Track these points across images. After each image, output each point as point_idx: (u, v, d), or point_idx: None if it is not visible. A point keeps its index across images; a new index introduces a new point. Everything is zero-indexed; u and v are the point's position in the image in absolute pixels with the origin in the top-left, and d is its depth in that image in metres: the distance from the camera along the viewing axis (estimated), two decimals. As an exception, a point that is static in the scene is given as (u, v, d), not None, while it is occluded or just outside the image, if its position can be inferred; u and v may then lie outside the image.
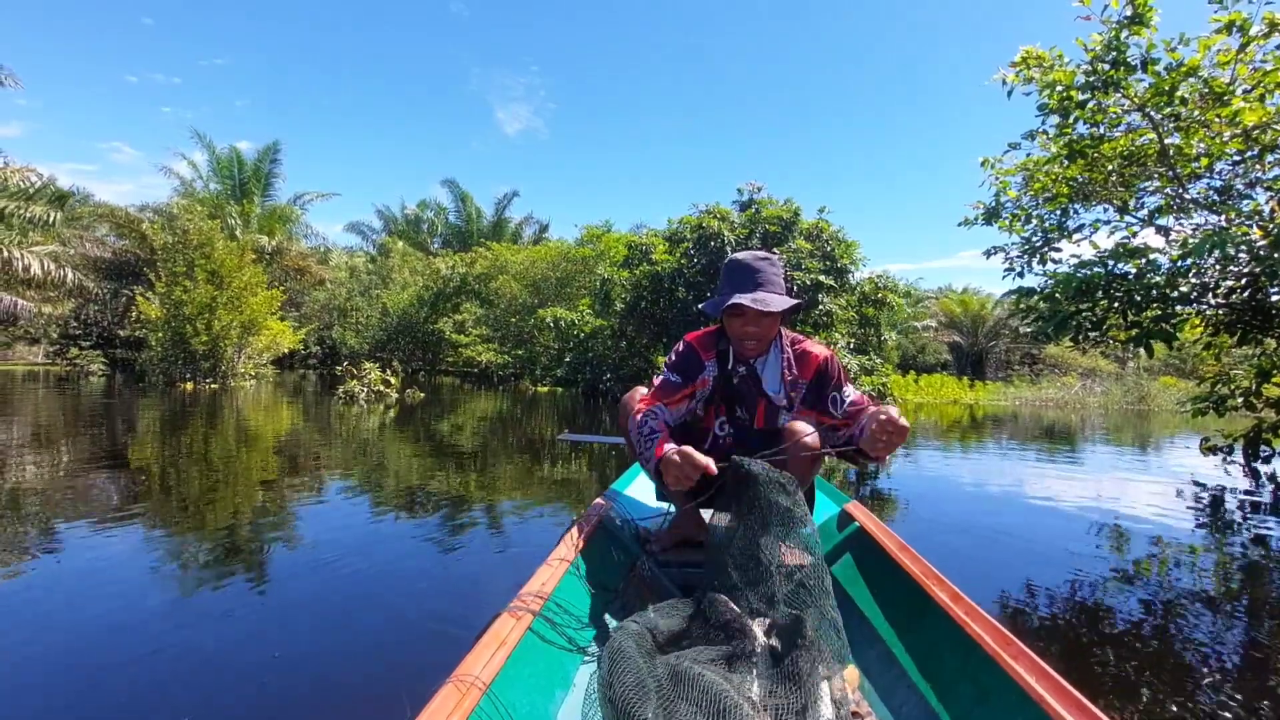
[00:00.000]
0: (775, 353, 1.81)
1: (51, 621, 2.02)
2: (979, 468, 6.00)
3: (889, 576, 1.52)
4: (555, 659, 1.26)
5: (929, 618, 1.30)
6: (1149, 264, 4.93)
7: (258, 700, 1.59)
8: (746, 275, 1.72)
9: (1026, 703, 0.95)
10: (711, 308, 1.76)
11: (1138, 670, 1.83)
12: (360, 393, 11.22)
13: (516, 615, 1.22)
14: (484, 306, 22.69)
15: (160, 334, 14.01)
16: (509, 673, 1.07)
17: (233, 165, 24.44)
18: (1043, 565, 2.84)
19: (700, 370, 1.81)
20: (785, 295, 1.73)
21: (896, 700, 1.22)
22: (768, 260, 1.75)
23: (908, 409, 14.53)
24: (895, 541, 1.60)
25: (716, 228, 12.03)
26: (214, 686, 1.66)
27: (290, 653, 1.83)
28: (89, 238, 23.25)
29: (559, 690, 1.22)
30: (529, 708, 1.09)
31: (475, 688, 0.96)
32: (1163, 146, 5.10)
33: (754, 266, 1.73)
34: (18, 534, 2.94)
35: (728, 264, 1.80)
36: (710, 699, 0.97)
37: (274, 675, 1.70)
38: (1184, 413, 11.30)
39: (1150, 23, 4.62)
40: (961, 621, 1.18)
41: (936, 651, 1.24)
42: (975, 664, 1.10)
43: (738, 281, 1.73)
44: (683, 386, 1.79)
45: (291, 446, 6.08)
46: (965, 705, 1.09)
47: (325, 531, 3.10)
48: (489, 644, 1.09)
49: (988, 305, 33.16)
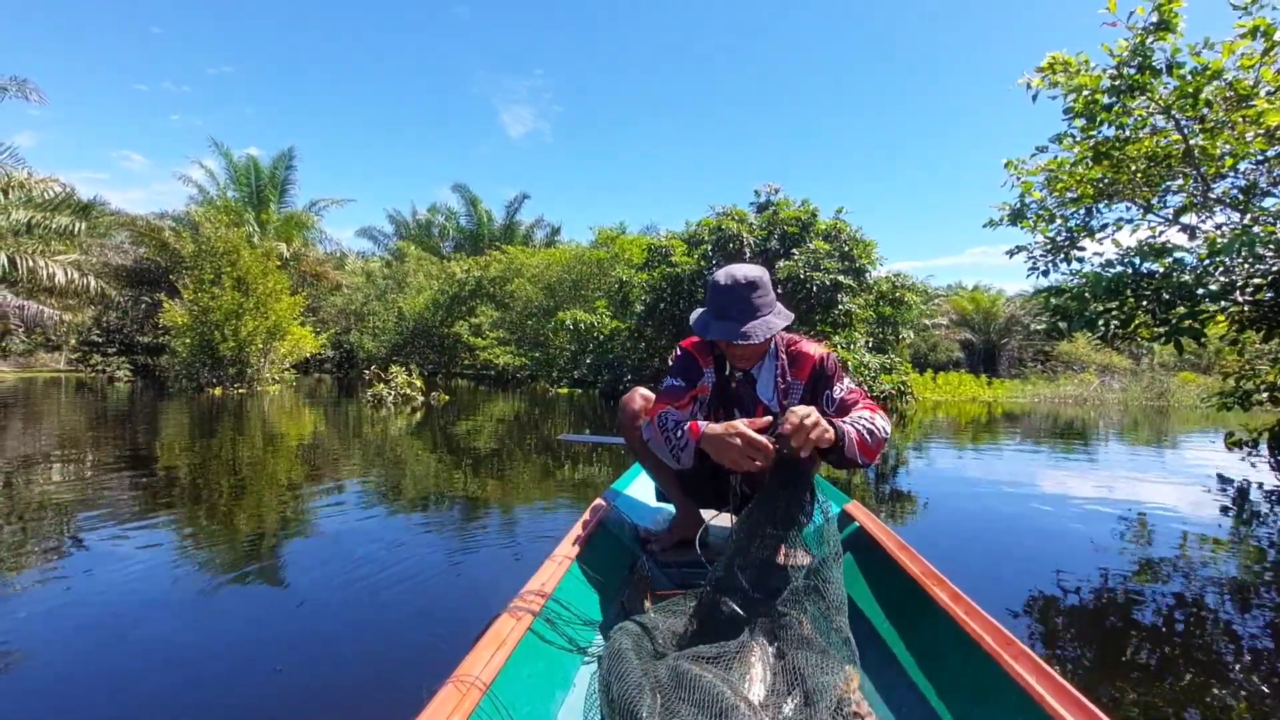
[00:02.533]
0: (769, 359, 1.78)
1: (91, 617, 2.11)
2: (1002, 465, 6.11)
3: (889, 576, 1.52)
4: (555, 659, 1.27)
5: (929, 617, 1.30)
6: (1176, 263, 5.06)
7: (261, 696, 1.62)
8: (725, 302, 1.65)
9: (1026, 702, 0.95)
10: (696, 328, 1.72)
11: (1156, 669, 1.83)
12: (388, 396, 11.45)
13: (516, 615, 1.23)
14: (499, 309, 22.92)
15: (187, 339, 14.28)
16: (509, 673, 1.08)
17: (249, 172, 24.76)
18: (1068, 561, 2.86)
19: (700, 376, 1.80)
20: (770, 316, 1.64)
21: (896, 700, 1.22)
22: (749, 285, 1.64)
23: (925, 406, 14.63)
24: (895, 541, 1.60)
25: (735, 229, 12.19)
26: (217, 682, 1.69)
27: (297, 650, 1.88)
28: (111, 246, 23.66)
29: (559, 690, 1.23)
30: (529, 708, 1.10)
31: (475, 688, 0.97)
32: (1187, 147, 5.23)
33: (733, 293, 1.64)
34: (86, 528, 3.13)
35: (709, 284, 1.71)
36: (710, 700, 0.97)
37: (282, 671, 1.73)
38: (1208, 408, 11.33)
39: (1176, 28, 4.76)
40: (961, 621, 1.18)
41: (936, 651, 1.24)
42: (975, 663, 1.10)
43: (717, 308, 1.67)
44: (688, 389, 1.78)
45: (332, 449, 6.28)
46: (965, 705, 1.09)
47: (370, 530, 3.20)
48: (489, 644, 1.10)
49: (999, 302, 33.07)
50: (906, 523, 3.65)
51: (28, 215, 17.86)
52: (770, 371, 1.77)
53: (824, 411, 1.67)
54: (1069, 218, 6.18)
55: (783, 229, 12.47)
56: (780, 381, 1.77)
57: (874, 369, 12.34)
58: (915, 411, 12.85)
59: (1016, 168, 6.26)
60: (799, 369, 1.76)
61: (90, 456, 5.35)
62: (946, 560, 2.71)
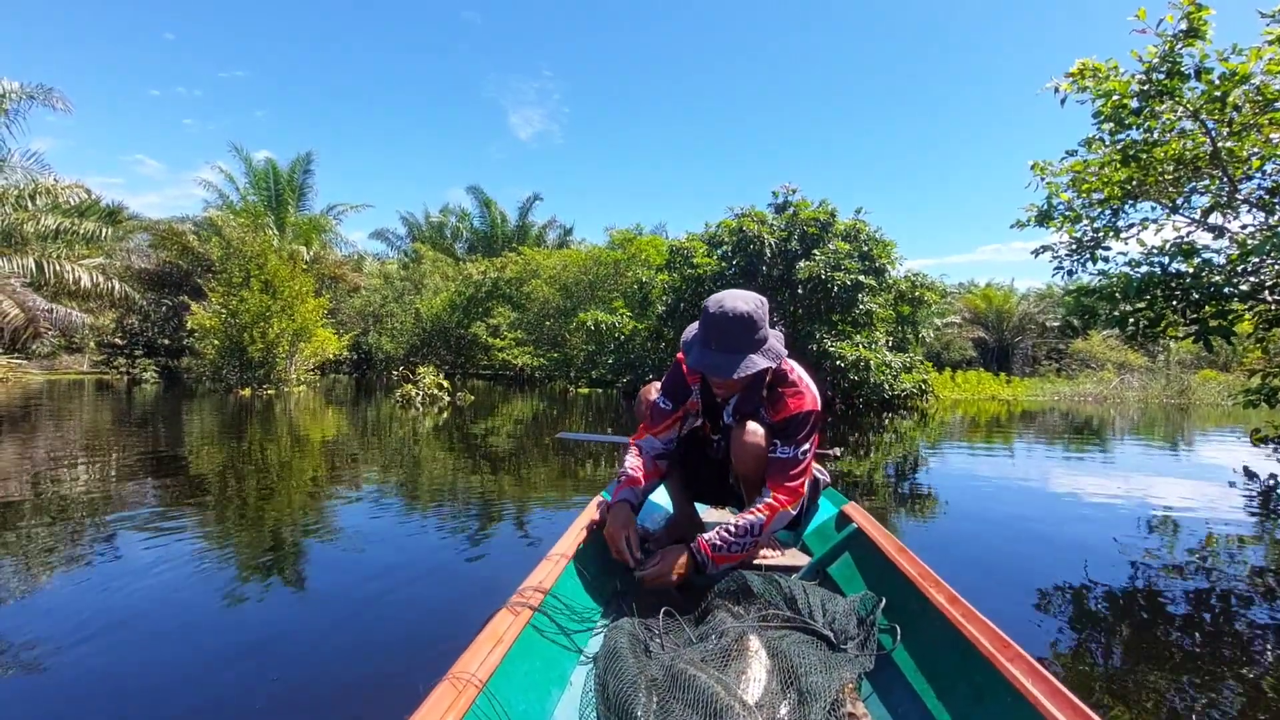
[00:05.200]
0: (750, 389, 1.77)
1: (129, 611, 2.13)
2: (1032, 464, 6.23)
3: (886, 578, 1.52)
4: (552, 657, 1.27)
5: (926, 619, 1.30)
6: (1205, 264, 5.18)
7: (259, 694, 1.63)
8: (714, 333, 1.65)
9: (1022, 704, 0.95)
10: (684, 348, 1.78)
11: (1164, 673, 1.82)
12: (416, 396, 11.69)
13: (515, 612, 1.24)
14: (516, 310, 23.17)
15: (215, 341, 14.58)
16: (505, 670, 1.08)
17: (268, 176, 25.12)
18: (1092, 558, 2.87)
19: (688, 393, 1.89)
20: (753, 355, 1.63)
21: (892, 701, 1.22)
22: (737, 319, 1.62)
23: (945, 405, 14.73)
24: (893, 543, 1.61)
25: (756, 230, 12.35)
26: (214, 679, 1.70)
27: (304, 648, 1.91)
28: (134, 250, 24.07)
29: (555, 689, 1.23)
30: (525, 706, 1.10)
31: (472, 685, 0.97)
32: (1215, 149, 5.35)
33: (720, 326, 1.63)
34: (152, 523, 3.29)
35: (704, 308, 1.69)
36: (704, 700, 0.98)
37: (289, 669, 1.76)
38: (1233, 405, 11.37)
39: (1205, 35, 4.88)
40: (958, 623, 1.18)
41: (933, 653, 1.24)
42: (972, 665, 1.10)
43: (704, 334, 1.68)
44: (672, 412, 1.89)
45: (371, 448, 6.49)
46: (961, 707, 1.09)
47: (400, 527, 3.31)
48: (486, 641, 1.11)
49: (1012, 299, 32.98)
50: (923, 521, 3.68)
51: (56, 221, 18.26)
52: (744, 400, 1.79)
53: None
54: (1095, 218, 6.30)
55: (803, 229, 12.62)
56: (746, 407, 1.78)
57: (896, 368, 12.47)
58: (936, 410, 12.96)
59: (1043, 170, 6.39)
60: (777, 410, 1.73)
61: (147, 457, 5.57)
62: (965, 559, 2.82)
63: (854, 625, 1.31)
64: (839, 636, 1.27)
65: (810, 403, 1.72)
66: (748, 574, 1.44)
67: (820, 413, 1.77)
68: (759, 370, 1.63)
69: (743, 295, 1.67)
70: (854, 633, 1.29)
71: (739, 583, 1.42)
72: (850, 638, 1.28)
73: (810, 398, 1.73)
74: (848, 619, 1.32)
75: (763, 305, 1.67)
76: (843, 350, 11.90)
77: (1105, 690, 1.70)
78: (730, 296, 1.67)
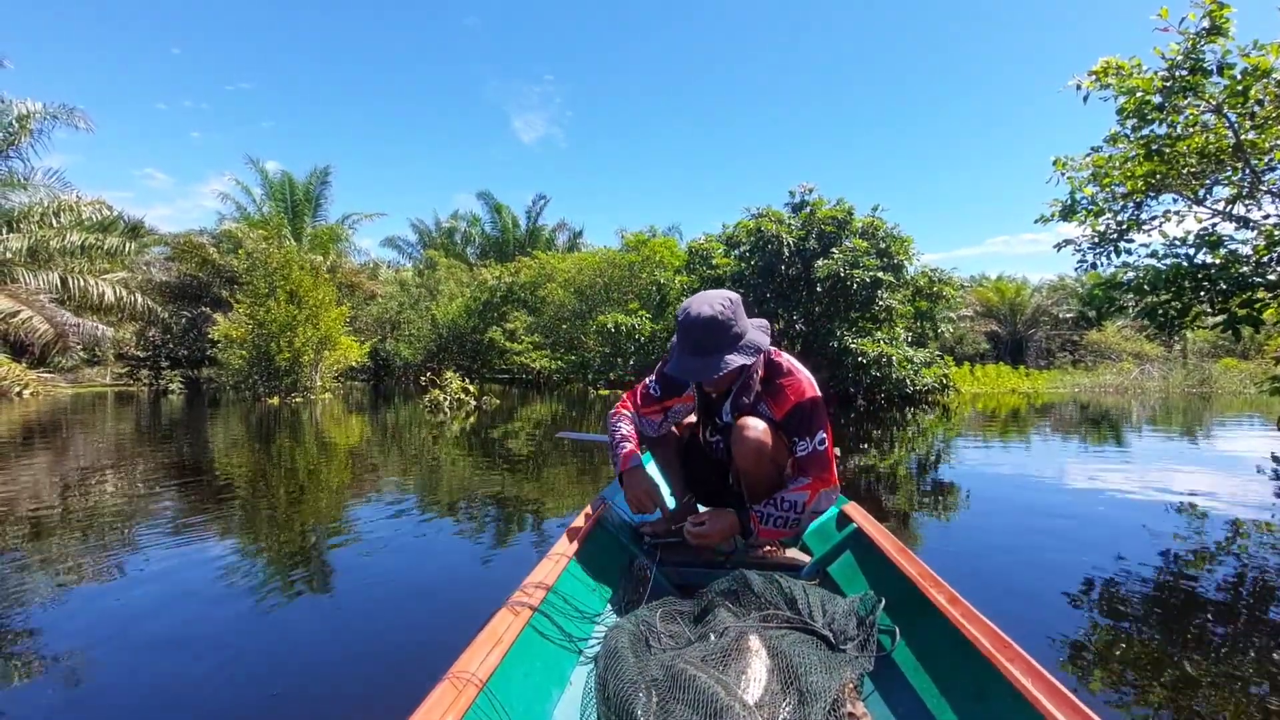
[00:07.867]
0: (741, 386, 1.80)
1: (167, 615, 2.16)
2: (1048, 457, 6.32)
3: (887, 577, 1.53)
4: (552, 657, 1.27)
5: (926, 618, 1.30)
6: (1232, 254, 5.29)
7: (274, 690, 1.65)
8: (691, 338, 1.68)
9: (1022, 704, 0.95)
10: (669, 363, 1.80)
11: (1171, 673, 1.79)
12: (444, 401, 11.90)
13: (515, 611, 1.24)
14: (532, 314, 23.40)
15: (242, 352, 14.87)
16: (506, 670, 1.09)
17: (284, 188, 25.50)
18: (1124, 549, 2.87)
19: (684, 386, 1.88)
20: (729, 354, 1.65)
21: (892, 701, 1.22)
22: (707, 323, 1.64)
23: (965, 399, 14.81)
24: (893, 543, 1.61)
25: (774, 230, 12.50)
26: (211, 678, 1.72)
27: (309, 647, 1.93)
28: (155, 263, 24.52)
29: (555, 688, 1.23)
30: (525, 705, 1.10)
31: (472, 684, 0.97)
32: (1238, 141, 5.46)
33: (691, 332, 1.66)
34: (197, 527, 3.39)
35: (679, 316, 1.73)
36: (705, 699, 0.98)
37: (296, 669, 1.78)
38: (1260, 392, 11.37)
39: (1227, 32, 5.00)
40: (958, 623, 1.18)
41: (933, 652, 1.24)
42: (972, 665, 1.10)
43: (684, 342, 1.71)
44: (660, 399, 1.87)
45: (409, 452, 6.68)
46: (962, 706, 1.10)
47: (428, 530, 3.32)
48: (486, 641, 1.11)
49: (1025, 292, 32.88)
50: (942, 518, 3.68)
51: (81, 237, 18.66)
52: (739, 396, 1.81)
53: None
54: (1118, 211, 6.41)
55: (820, 228, 12.75)
56: (744, 402, 1.80)
57: (917, 363, 12.58)
58: (957, 405, 13.05)
59: (1063, 166, 6.51)
60: (779, 402, 1.75)
61: (198, 464, 5.77)
62: (983, 556, 2.78)
63: (854, 625, 1.31)
64: (839, 636, 1.27)
65: (809, 388, 1.76)
66: (748, 573, 1.45)
67: (821, 397, 1.79)
68: (738, 367, 1.66)
69: (710, 297, 1.70)
70: (854, 633, 1.29)
71: (739, 582, 1.43)
72: (850, 638, 1.28)
73: (807, 383, 1.77)
74: (848, 619, 1.32)
75: (731, 304, 1.69)
76: (864, 347, 12.02)
77: (1105, 690, 1.67)
78: (698, 301, 1.69)
